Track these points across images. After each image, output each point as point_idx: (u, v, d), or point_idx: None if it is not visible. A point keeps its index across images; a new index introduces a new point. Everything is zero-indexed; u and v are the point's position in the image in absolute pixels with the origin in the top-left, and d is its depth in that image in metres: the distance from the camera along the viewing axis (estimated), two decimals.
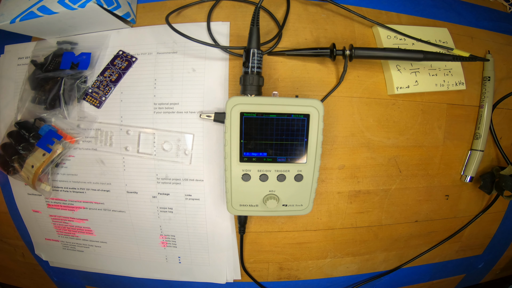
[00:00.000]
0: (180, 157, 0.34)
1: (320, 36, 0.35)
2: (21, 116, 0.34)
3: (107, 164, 0.34)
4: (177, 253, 0.36)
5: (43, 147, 0.33)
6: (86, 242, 0.37)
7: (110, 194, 0.35)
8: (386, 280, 0.40)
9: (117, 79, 0.34)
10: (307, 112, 0.27)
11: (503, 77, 0.39)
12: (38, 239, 0.39)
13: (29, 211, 0.37)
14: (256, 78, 0.29)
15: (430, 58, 0.31)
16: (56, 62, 0.34)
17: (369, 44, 0.35)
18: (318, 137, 0.28)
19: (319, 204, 0.35)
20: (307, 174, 0.29)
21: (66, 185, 0.35)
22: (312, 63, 0.34)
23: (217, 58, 0.33)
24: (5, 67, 0.36)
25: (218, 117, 0.31)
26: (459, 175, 0.38)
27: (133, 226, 0.36)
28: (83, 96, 0.34)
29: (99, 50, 0.34)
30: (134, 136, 0.34)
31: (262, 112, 0.27)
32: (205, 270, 0.36)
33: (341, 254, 0.37)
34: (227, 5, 0.35)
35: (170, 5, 0.34)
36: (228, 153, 0.28)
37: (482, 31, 0.39)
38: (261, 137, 0.28)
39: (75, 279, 0.40)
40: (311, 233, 0.36)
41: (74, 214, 0.36)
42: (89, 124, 0.34)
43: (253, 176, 0.29)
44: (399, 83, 0.34)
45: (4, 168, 0.34)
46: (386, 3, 0.36)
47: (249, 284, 0.37)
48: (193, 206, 0.34)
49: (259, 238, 0.36)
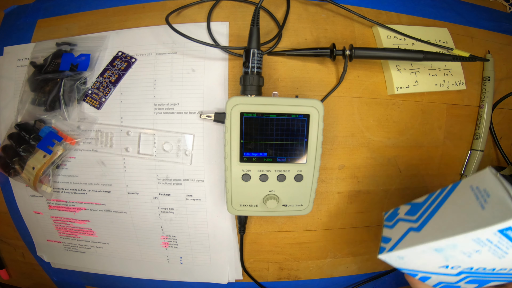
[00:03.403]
0: (180, 158, 0.34)
1: (320, 36, 0.35)
2: (21, 117, 0.34)
3: (108, 165, 0.34)
4: (179, 254, 0.36)
5: (44, 148, 0.33)
6: (87, 243, 0.37)
7: (111, 195, 0.35)
8: (386, 280, 0.40)
9: (117, 80, 0.34)
10: (307, 112, 0.27)
11: (503, 77, 0.38)
12: (39, 241, 0.39)
13: (31, 213, 0.37)
14: (256, 78, 0.29)
15: (430, 58, 0.31)
16: (55, 63, 0.34)
17: (369, 44, 0.35)
18: (318, 137, 0.28)
19: (319, 204, 0.35)
20: (307, 174, 0.29)
21: (67, 187, 0.35)
22: (312, 63, 0.34)
23: (217, 58, 0.33)
24: (5, 69, 0.36)
25: (218, 117, 0.31)
26: (459, 175, 0.38)
27: (135, 227, 0.36)
28: (83, 97, 0.34)
29: (98, 51, 0.34)
30: (135, 137, 0.34)
31: (262, 112, 0.27)
32: (206, 271, 0.37)
33: (341, 254, 0.37)
34: (227, 5, 0.35)
35: (170, 5, 0.34)
36: (228, 153, 0.28)
37: (482, 31, 0.39)
38: (261, 137, 0.28)
39: (75, 279, 0.40)
40: (311, 233, 0.36)
41: (75, 215, 0.36)
42: (89, 126, 0.34)
43: (253, 176, 0.29)
44: (399, 83, 0.34)
45: (5, 170, 0.34)
46: (386, 3, 0.36)
47: (249, 284, 0.37)
48: (194, 207, 0.35)
49: (259, 238, 0.36)
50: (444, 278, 0.24)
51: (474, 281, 0.24)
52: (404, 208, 0.28)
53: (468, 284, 0.24)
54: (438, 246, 0.21)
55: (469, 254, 0.21)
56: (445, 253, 0.21)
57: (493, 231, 0.19)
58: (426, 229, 0.23)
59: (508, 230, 0.18)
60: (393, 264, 0.24)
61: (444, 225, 0.22)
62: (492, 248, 0.20)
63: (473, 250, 0.20)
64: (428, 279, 0.25)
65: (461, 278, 0.24)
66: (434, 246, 0.21)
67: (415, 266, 0.23)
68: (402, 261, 0.23)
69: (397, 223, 0.27)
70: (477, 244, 0.20)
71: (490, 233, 0.19)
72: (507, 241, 0.19)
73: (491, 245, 0.20)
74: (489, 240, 0.19)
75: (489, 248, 0.20)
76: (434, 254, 0.22)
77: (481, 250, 0.20)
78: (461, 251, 0.21)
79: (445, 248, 0.21)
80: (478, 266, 0.22)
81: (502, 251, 0.20)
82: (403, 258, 0.23)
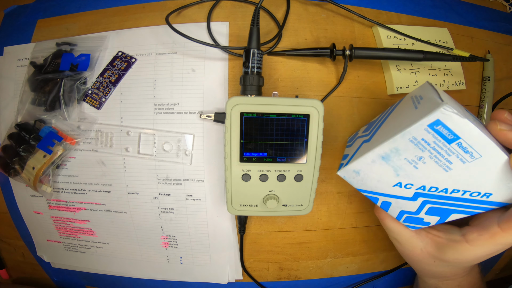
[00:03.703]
0: (180, 158, 0.34)
1: (320, 36, 0.35)
2: (21, 117, 0.34)
3: (108, 165, 0.34)
4: (179, 254, 0.36)
5: (44, 148, 0.33)
6: (87, 243, 0.37)
7: (111, 195, 0.35)
8: (386, 280, 0.40)
9: (117, 80, 0.34)
10: (307, 112, 0.27)
11: (503, 77, 0.39)
12: (39, 241, 0.39)
13: (31, 213, 0.37)
14: (256, 78, 0.29)
15: (430, 58, 0.31)
16: (55, 63, 0.34)
17: (369, 44, 0.35)
18: (318, 137, 0.28)
19: (319, 204, 0.35)
20: (307, 174, 0.29)
21: (67, 187, 0.35)
22: (312, 63, 0.34)
23: (217, 58, 0.33)
24: (5, 69, 0.36)
25: (218, 117, 0.31)
26: None
27: (135, 227, 0.36)
28: (83, 97, 0.34)
29: (98, 51, 0.34)
30: (135, 137, 0.34)
31: (262, 112, 0.27)
32: (206, 270, 0.37)
33: (341, 254, 0.37)
34: (227, 5, 0.35)
35: (170, 5, 0.34)
36: (228, 153, 0.28)
37: (482, 31, 0.39)
38: (261, 137, 0.28)
39: (75, 279, 0.40)
40: (311, 233, 0.36)
41: (76, 215, 0.36)
42: (89, 125, 0.34)
43: (253, 176, 0.29)
44: (399, 83, 0.34)
45: (5, 170, 0.34)
46: (386, 3, 0.36)
47: (249, 284, 0.37)
48: (194, 207, 0.35)
49: (259, 238, 0.36)
50: (403, 204, 0.25)
51: (434, 211, 0.24)
52: (362, 128, 0.31)
53: (430, 216, 0.25)
54: (383, 152, 0.22)
55: (414, 164, 0.22)
56: (392, 162, 0.22)
57: (423, 127, 0.20)
58: (374, 138, 0.24)
59: (438, 125, 0.19)
60: (353, 183, 0.25)
61: (387, 130, 0.23)
62: (432, 154, 0.21)
63: (415, 157, 0.21)
64: (389, 205, 0.25)
65: (419, 205, 0.24)
66: (380, 152, 0.22)
67: (371, 185, 0.24)
68: (359, 177, 0.24)
69: (355, 141, 0.28)
70: (415, 146, 0.21)
71: (422, 129, 0.20)
72: (444, 143, 0.20)
73: (430, 148, 0.20)
74: (426, 141, 0.20)
75: (429, 154, 0.21)
76: (384, 165, 0.22)
77: (423, 157, 0.21)
78: (406, 159, 0.22)
79: (390, 155, 0.22)
80: (429, 184, 0.22)
81: (445, 160, 0.21)
82: (359, 173, 0.24)
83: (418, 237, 0.27)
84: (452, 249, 0.24)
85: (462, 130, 0.19)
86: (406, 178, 0.23)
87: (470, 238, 0.23)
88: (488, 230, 0.22)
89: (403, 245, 0.28)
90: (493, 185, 0.21)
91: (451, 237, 0.25)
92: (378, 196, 0.25)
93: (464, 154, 0.20)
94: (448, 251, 0.25)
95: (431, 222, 0.25)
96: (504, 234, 0.21)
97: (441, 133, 0.19)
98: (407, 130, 0.20)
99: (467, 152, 0.20)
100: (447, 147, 0.20)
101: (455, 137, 0.19)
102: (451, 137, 0.19)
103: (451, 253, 0.25)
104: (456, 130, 0.19)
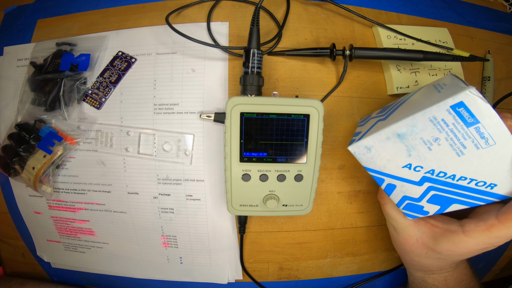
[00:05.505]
0: (180, 158, 0.34)
1: (320, 36, 0.35)
2: (21, 117, 0.34)
3: (108, 165, 0.34)
4: (179, 254, 0.36)
5: (44, 148, 0.33)
6: (87, 243, 0.37)
7: (111, 195, 0.35)
8: (386, 280, 0.40)
9: (117, 80, 0.34)
10: (307, 112, 0.27)
11: (503, 77, 0.38)
12: (39, 241, 0.39)
13: (31, 213, 0.37)
14: (256, 78, 0.29)
15: (430, 58, 0.31)
16: (55, 63, 0.34)
17: (369, 44, 0.35)
18: (318, 137, 0.28)
19: (319, 204, 0.35)
20: (307, 174, 0.29)
21: (67, 187, 0.35)
22: (312, 63, 0.34)
23: (217, 58, 0.33)
24: (5, 69, 0.36)
25: (218, 117, 0.31)
26: None
27: (135, 227, 0.36)
28: (83, 97, 0.34)
29: (98, 51, 0.34)
30: (135, 137, 0.34)
31: (262, 112, 0.27)
32: (206, 270, 0.37)
33: (341, 254, 0.37)
34: (227, 5, 0.35)
35: (170, 5, 0.34)
36: (228, 153, 0.28)
37: (482, 31, 0.39)
38: (261, 137, 0.28)
39: (75, 279, 0.40)
40: (311, 233, 0.36)
41: (76, 215, 0.36)
42: (89, 126, 0.34)
43: (253, 176, 0.29)
44: (399, 83, 0.34)
45: (5, 170, 0.34)
46: (386, 3, 0.36)
47: (249, 284, 0.37)
48: (194, 207, 0.35)
49: (259, 238, 0.36)
50: (408, 189, 0.24)
51: (436, 199, 0.24)
52: (375, 111, 0.31)
53: (431, 205, 0.25)
54: (399, 129, 0.22)
55: (429, 145, 0.22)
56: (407, 141, 0.22)
57: (446, 107, 0.20)
58: (391, 117, 0.24)
59: (460, 107, 0.20)
60: (362, 160, 0.25)
61: (405, 110, 0.23)
62: (449, 136, 0.21)
63: (432, 137, 0.21)
64: (394, 188, 0.25)
65: (424, 190, 0.24)
66: (396, 129, 0.22)
67: (381, 164, 0.24)
68: (370, 154, 0.24)
69: (369, 120, 0.28)
70: (434, 126, 0.21)
71: (444, 110, 0.20)
72: (462, 125, 0.20)
73: (448, 130, 0.21)
74: (445, 122, 0.20)
75: (446, 135, 0.21)
76: (398, 143, 0.22)
77: (439, 138, 0.21)
78: (422, 139, 0.22)
79: (406, 133, 0.22)
80: (439, 168, 0.22)
81: (460, 143, 0.21)
82: (371, 150, 0.24)
83: (416, 226, 0.27)
84: (448, 239, 0.25)
85: (483, 115, 0.19)
86: (418, 159, 0.22)
87: (467, 229, 0.23)
88: (485, 222, 0.22)
89: (399, 232, 0.28)
90: (500, 176, 0.21)
91: (448, 227, 0.25)
92: (384, 177, 0.25)
93: (480, 139, 0.20)
94: (443, 241, 0.25)
95: (430, 211, 0.25)
96: (500, 226, 0.21)
97: (462, 115, 0.20)
98: (429, 109, 0.20)
99: (483, 138, 0.20)
100: (464, 130, 0.20)
101: (475, 120, 0.20)
102: (471, 121, 0.20)
103: (446, 243, 0.25)
104: (477, 114, 0.19)
